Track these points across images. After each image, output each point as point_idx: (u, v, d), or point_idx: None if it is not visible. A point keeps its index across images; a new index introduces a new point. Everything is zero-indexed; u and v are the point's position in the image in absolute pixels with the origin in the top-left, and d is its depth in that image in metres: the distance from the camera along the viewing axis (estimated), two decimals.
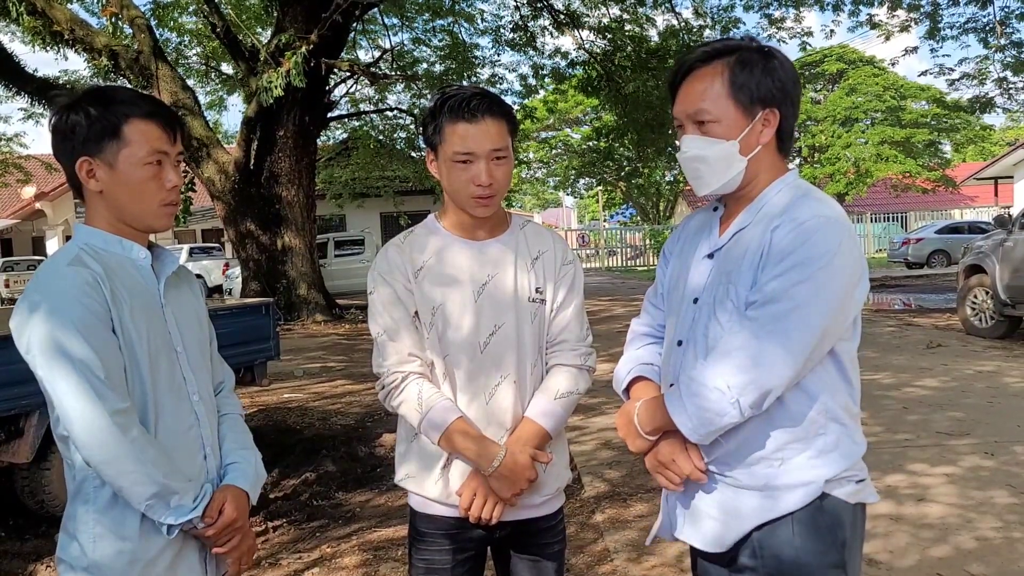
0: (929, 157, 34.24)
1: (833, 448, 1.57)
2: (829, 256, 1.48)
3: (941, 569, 3.38)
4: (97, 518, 1.61)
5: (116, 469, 1.54)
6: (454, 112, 1.80)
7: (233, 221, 15.07)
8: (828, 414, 1.57)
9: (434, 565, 1.92)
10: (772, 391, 1.49)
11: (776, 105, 1.60)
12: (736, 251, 1.61)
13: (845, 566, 1.57)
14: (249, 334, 5.56)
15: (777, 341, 1.47)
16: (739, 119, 1.59)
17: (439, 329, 1.87)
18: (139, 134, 1.62)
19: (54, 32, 13.29)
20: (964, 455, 4.94)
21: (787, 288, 1.48)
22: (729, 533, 1.60)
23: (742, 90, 1.58)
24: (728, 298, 1.58)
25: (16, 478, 4.54)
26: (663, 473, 1.63)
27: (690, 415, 1.53)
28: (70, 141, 1.63)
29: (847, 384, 1.60)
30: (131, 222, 1.68)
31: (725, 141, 1.59)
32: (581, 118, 37.43)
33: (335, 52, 14.83)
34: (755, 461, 1.58)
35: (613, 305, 15.80)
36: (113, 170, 1.62)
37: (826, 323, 1.50)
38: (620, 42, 17.56)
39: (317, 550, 4.05)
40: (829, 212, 1.55)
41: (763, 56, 1.60)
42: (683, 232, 1.83)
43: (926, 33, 15.66)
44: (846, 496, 1.58)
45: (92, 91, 1.69)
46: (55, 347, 1.53)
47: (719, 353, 1.53)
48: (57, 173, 21.34)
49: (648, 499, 4.36)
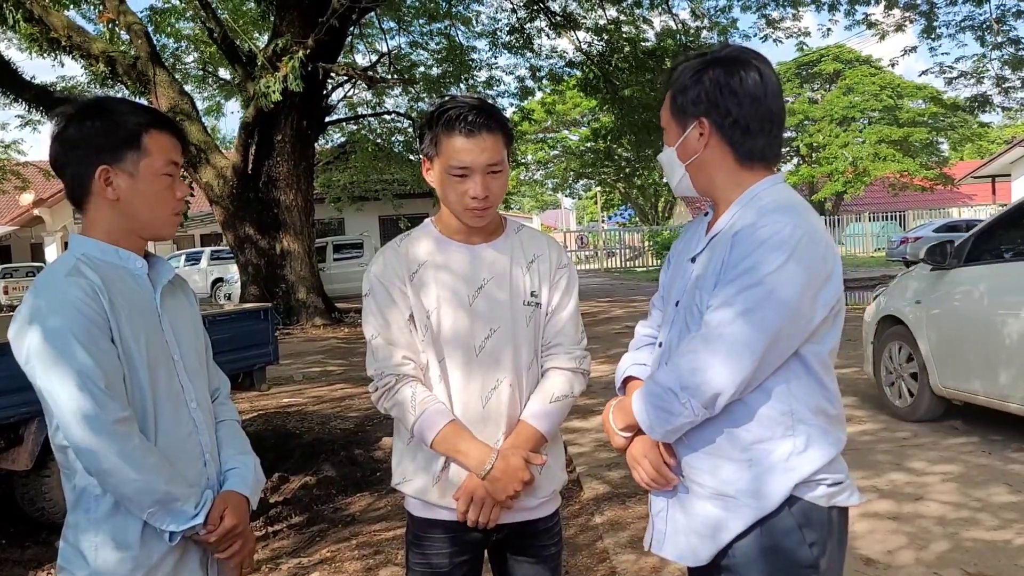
0: (927, 156, 34.29)
1: (803, 450, 1.58)
2: (782, 259, 1.50)
3: (939, 568, 3.39)
4: (98, 527, 1.62)
5: (118, 478, 1.55)
6: (451, 126, 1.81)
7: (232, 226, 15.08)
8: (795, 416, 1.58)
9: (432, 567, 1.93)
10: (720, 394, 1.53)
11: (703, 114, 1.63)
12: (708, 256, 1.66)
13: (818, 567, 1.57)
14: (248, 338, 5.57)
15: (723, 347, 1.52)
16: (675, 128, 1.70)
17: (435, 332, 1.88)
18: (156, 145, 1.66)
19: (51, 39, 13.29)
20: (963, 454, 4.95)
21: (740, 291, 1.52)
22: (705, 548, 1.63)
23: (675, 99, 1.68)
24: (694, 302, 1.64)
25: (16, 486, 4.55)
26: (636, 470, 1.72)
27: (647, 414, 1.61)
28: (82, 149, 1.64)
29: (818, 385, 1.61)
30: (141, 231, 1.70)
31: (668, 148, 1.73)
32: (579, 120, 37.46)
33: (332, 56, 14.85)
34: (723, 461, 1.60)
35: (612, 307, 15.82)
36: (133, 179, 1.65)
37: (779, 326, 1.51)
38: (617, 43, 17.59)
39: (317, 554, 4.06)
40: (792, 214, 1.55)
41: (704, 65, 1.63)
42: (683, 236, 1.88)
43: (922, 31, 15.69)
44: (818, 499, 1.58)
45: (101, 101, 1.72)
46: (55, 357, 1.54)
47: (678, 355, 1.60)
48: (55, 180, 21.32)
49: (647, 500, 4.37)
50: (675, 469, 1.66)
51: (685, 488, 1.66)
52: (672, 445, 1.66)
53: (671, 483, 1.67)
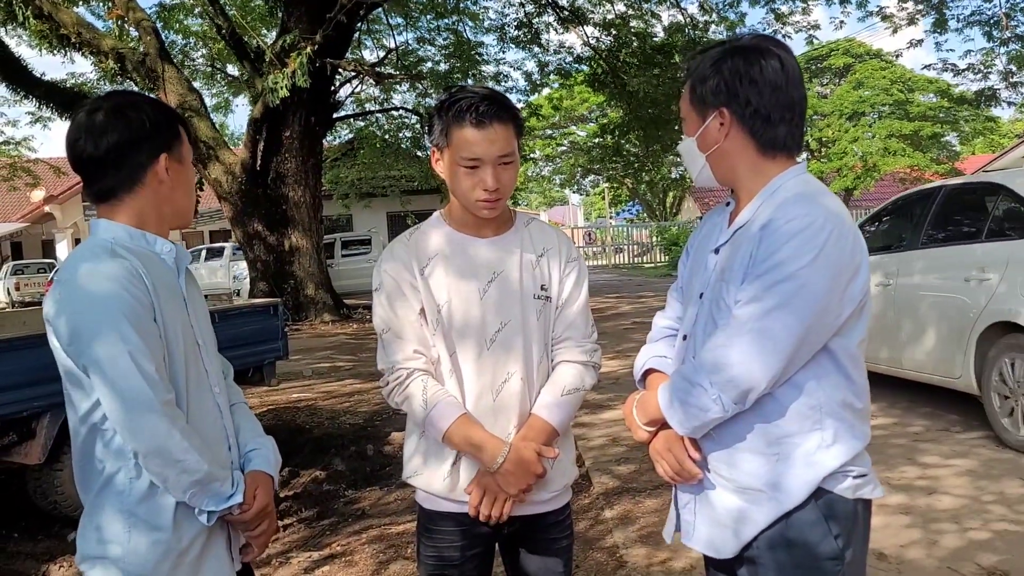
0: (937, 150, 34.07)
1: (831, 443, 1.57)
2: (814, 253, 1.49)
3: (951, 562, 3.37)
4: (132, 510, 1.62)
5: (164, 458, 1.57)
6: (462, 116, 1.80)
7: (240, 222, 15.12)
8: (823, 409, 1.57)
9: (443, 560, 1.93)
10: (752, 389, 1.52)
11: (723, 104, 1.61)
12: (733, 249, 1.63)
13: (842, 559, 1.57)
14: (258, 334, 5.58)
15: (754, 341, 1.50)
16: (695, 118, 1.68)
17: (445, 326, 1.88)
18: (183, 137, 1.75)
19: (61, 35, 13.34)
20: (976, 447, 4.93)
21: (770, 286, 1.50)
22: (733, 539, 1.62)
23: (694, 89, 1.67)
24: (721, 295, 1.62)
25: (28, 479, 4.57)
26: (659, 463, 1.69)
27: (676, 409, 1.59)
28: (152, 138, 1.67)
29: (846, 379, 1.60)
30: (172, 218, 1.76)
31: (687, 138, 1.71)
32: (587, 115, 37.37)
33: (340, 52, 14.85)
34: (751, 456, 1.59)
35: (620, 303, 15.79)
36: (182, 166, 1.73)
37: (810, 320, 1.50)
38: (625, 38, 17.54)
39: (328, 547, 4.07)
40: (821, 206, 1.54)
41: (724, 55, 1.62)
42: (703, 227, 1.86)
43: (932, 25, 15.60)
44: (844, 491, 1.58)
45: (132, 96, 1.75)
46: (105, 335, 1.54)
47: (706, 349, 1.57)
48: (66, 177, 21.40)
49: (657, 495, 4.36)
50: (700, 463, 1.64)
51: (711, 482, 1.65)
52: (697, 439, 1.64)
53: (695, 477, 1.65)
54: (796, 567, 1.57)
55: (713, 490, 1.65)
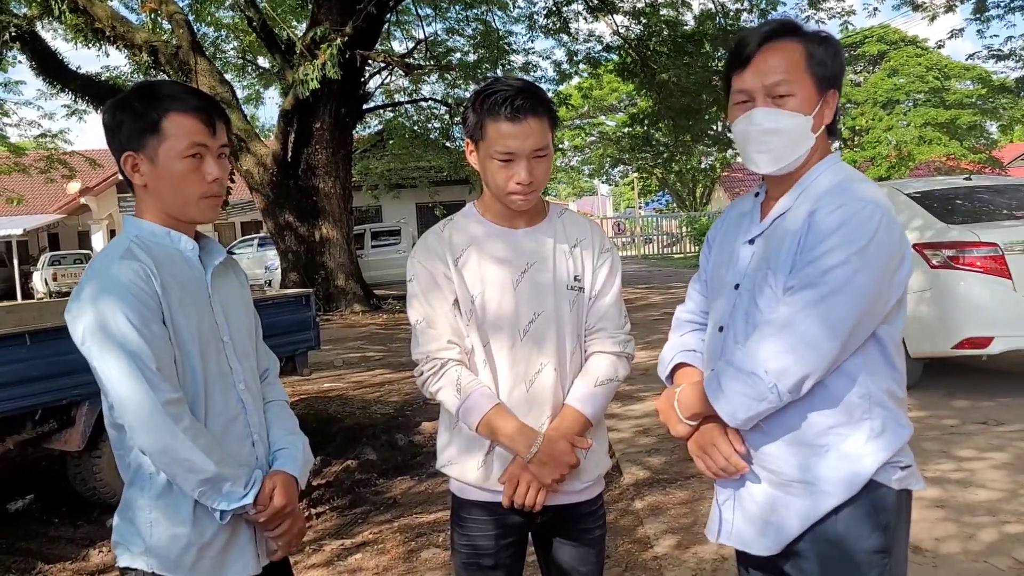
0: (975, 138, 33.37)
1: (880, 433, 1.55)
2: (865, 240, 1.48)
3: (988, 556, 3.32)
4: (152, 504, 1.66)
5: (169, 457, 1.59)
6: (497, 110, 1.79)
7: (272, 213, 15.27)
8: (872, 398, 1.55)
9: (477, 550, 1.94)
10: (810, 376, 1.49)
11: (837, 87, 1.61)
12: (776, 237, 1.60)
13: (890, 551, 1.56)
14: (291, 324, 5.65)
15: (813, 326, 1.47)
16: (813, 95, 1.57)
17: (479, 316, 1.88)
18: (177, 128, 1.65)
19: (95, 29, 13.53)
20: (1012, 440, 4.84)
21: (823, 273, 1.48)
22: (778, 536, 1.59)
23: (820, 67, 1.57)
24: (767, 284, 1.58)
25: (68, 466, 4.68)
26: (703, 459, 1.64)
27: (728, 400, 1.54)
28: (116, 137, 1.69)
29: (891, 368, 1.59)
30: (175, 214, 1.72)
31: (801, 115, 1.56)
32: (616, 105, 37.13)
33: (370, 44, 14.91)
34: (799, 448, 1.56)
35: (649, 293, 15.72)
36: (154, 165, 1.66)
37: (864, 307, 1.49)
38: (655, 27, 17.38)
39: (360, 536, 4.11)
40: (868, 195, 1.53)
41: (829, 38, 1.62)
42: (726, 218, 1.83)
43: (972, 11, 15.27)
44: (891, 482, 1.56)
45: (139, 87, 1.74)
46: (108, 338, 1.57)
47: (758, 338, 1.53)
48: (101, 169, 21.74)
49: (688, 486, 4.35)
50: (744, 457, 1.61)
51: (755, 476, 1.62)
52: (741, 432, 1.61)
53: (742, 471, 1.62)
54: (842, 562, 1.55)
55: (758, 484, 1.62)
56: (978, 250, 5.66)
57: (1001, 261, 5.59)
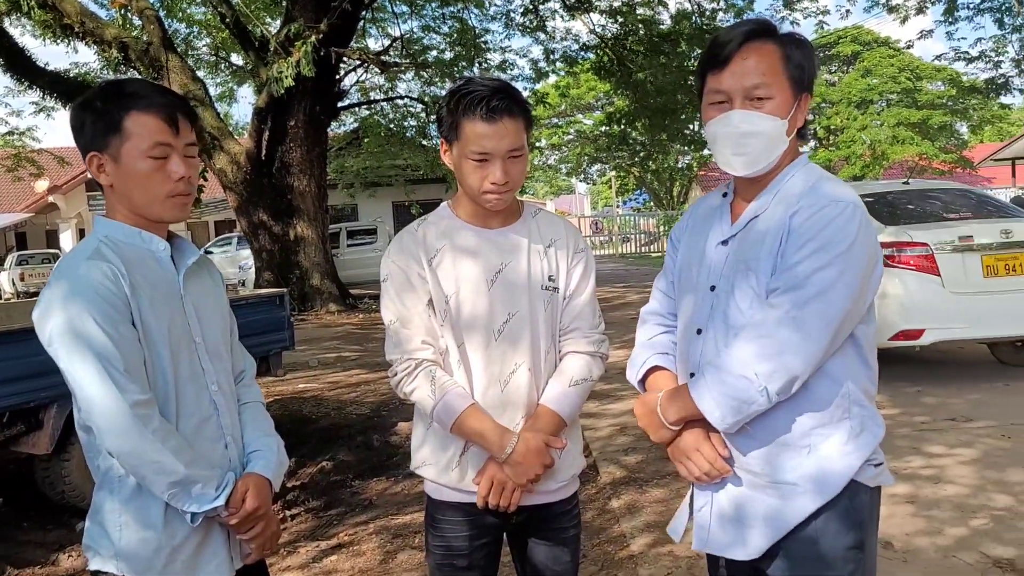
0: (946, 138, 33.87)
1: (859, 433, 1.57)
2: (849, 240, 1.49)
3: (957, 551, 3.37)
4: (122, 507, 1.64)
5: (138, 459, 1.57)
6: (472, 110, 1.79)
7: (245, 212, 15.13)
8: (850, 397, 1.57)
9: (452, 551, 1.94)
10: (799, 377, 1.50)
11: (810, 91, 1.62)
12: (753, 237, 1.60)
13: (863, 546, 1.57)
14: (265, 324, 5.59)
15: (801, 327, 1.48)
16: (789, 98, 1.58)
17: (453, 316, 1.87)
18: (140, 127, 1.63)
19: (64, 25, 13.33)
20: (980, 437, 4.91)
21: (809, 274, 1.49)
22: (762, 538, 1.59)
23: (797, 69, 1.58)
24: (748, 285, 1.58)
25: (36, 469, 4.60)
26: (685, 463, 1.63)
27: (718, 404, 1.53)
28: (82, 137, 1.66)
29: (866, 367, 1.60)
30: (143, 214, 1.69)
31: (777, 118, 1.56)
32: (593, 104, 37.23)
33: (345, 41, 14.81)
34: (783, 449, 1.57)
35: (627, 292, 15.77)
36: (119, 164, 1.64)
37: (848, 307, 1.50)
38: (632, 26, 17.43)
39: (335, 537, 4.09)
40: (846, 196, 1.55)
41: (805, 41, 1.62)
42: (691, 218, 1.82)
43: (943, 13, 15.48)
44: (867, 480, 1.58)
45: (104, 86, 1.71)
46: (76, 340, 1.55)
47: (744, 341, 1.53)
48: (70, 167, 21.45)
49: (664, 484, 4.37)
50: (727, 460, 1.60)
51: (737, 479, 1.61)
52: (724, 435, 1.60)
53: (724, 475, 1.61)
54: (820, 559, 1.56)
55: (739, 488, 1.61)
56: (911, 249, 6.03)
57: (931, 259, 5.99)
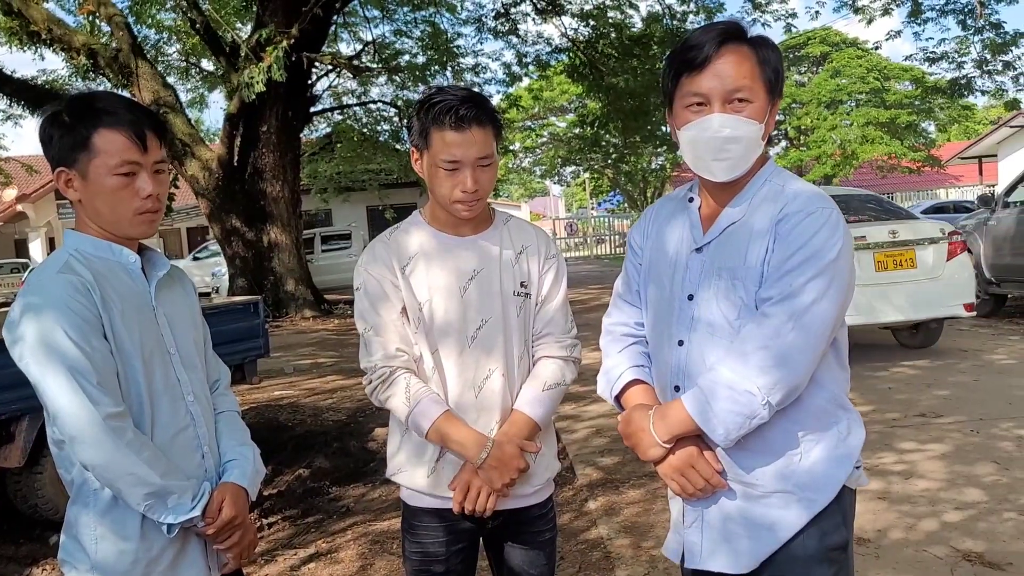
0: (914, 138, 34.34)
1: (847, 436, 1.57)
2: (837, 248, 1.48)
3: (928, 545, 3.43)
4: (98, 520, 1.64)
5: (112, 472, 1.56)
6: (441, 119, 1.80)
7: (218, 218, 15.00)
8: (836, 401, 1.58)
9: (428, 556, 1.95)
10: (799, 386, 1.49)
11: (779, 95, 1.60)
12: (734, 245, 1.56)
13: (846, 547, 1.59)
14: (238, 332, 5.55)
15: (799, 337, 1.46)
16: (765, 102, 1.55)
17: (427, 324, 1.89)
18: (108, 144, 1.62)
19: (31, 32, 13.16)
20: (949, 432, 5.00)
21: (803, 283, 1.47)
22: (760, 550, 1.56)
23: (773, 73, 1.56)
24: (734, 294, 1.54)
25: (8, 483, 4.53)
26: (679, 481, 1.58)
27: (721, 420, 1.48)
28: (50, 151, 1.66)
29: (844, 370, 1.62)
30: (111, 230, 1.69)
31: (756, 122, 1.54)
32: (567, 106, 37.34)
33: (316, 46, 14.75)
34: (777, 458, 1.55)
35: (602, 294, 15.83)
36: (86, 181, 1.64)
37: (837, 314, 1.50)
38: (603, 29, 17.52)
39: (313, 545, 4.07)
40: (827, 202, 1.54)
41: (775, 45, 1.59)
42: (654, 223, 1.76)
43: (908, 14, 15.73)
44: (851, 482, 1.60)
45: (73, 99, 1.70)
46: (47, 353, 1.54)
47: (741, 354, 1.48)
48: (38, 175, 21.15)
49: (641, 485, 4.40)
50: (721, 474, 1.58)
51: (732, 493, 1.57)
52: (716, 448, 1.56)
53: (720, 489, 1.58)
54: (810, 562, 1.55)
55: (733, 501, 1.57)
56: None
57: None
